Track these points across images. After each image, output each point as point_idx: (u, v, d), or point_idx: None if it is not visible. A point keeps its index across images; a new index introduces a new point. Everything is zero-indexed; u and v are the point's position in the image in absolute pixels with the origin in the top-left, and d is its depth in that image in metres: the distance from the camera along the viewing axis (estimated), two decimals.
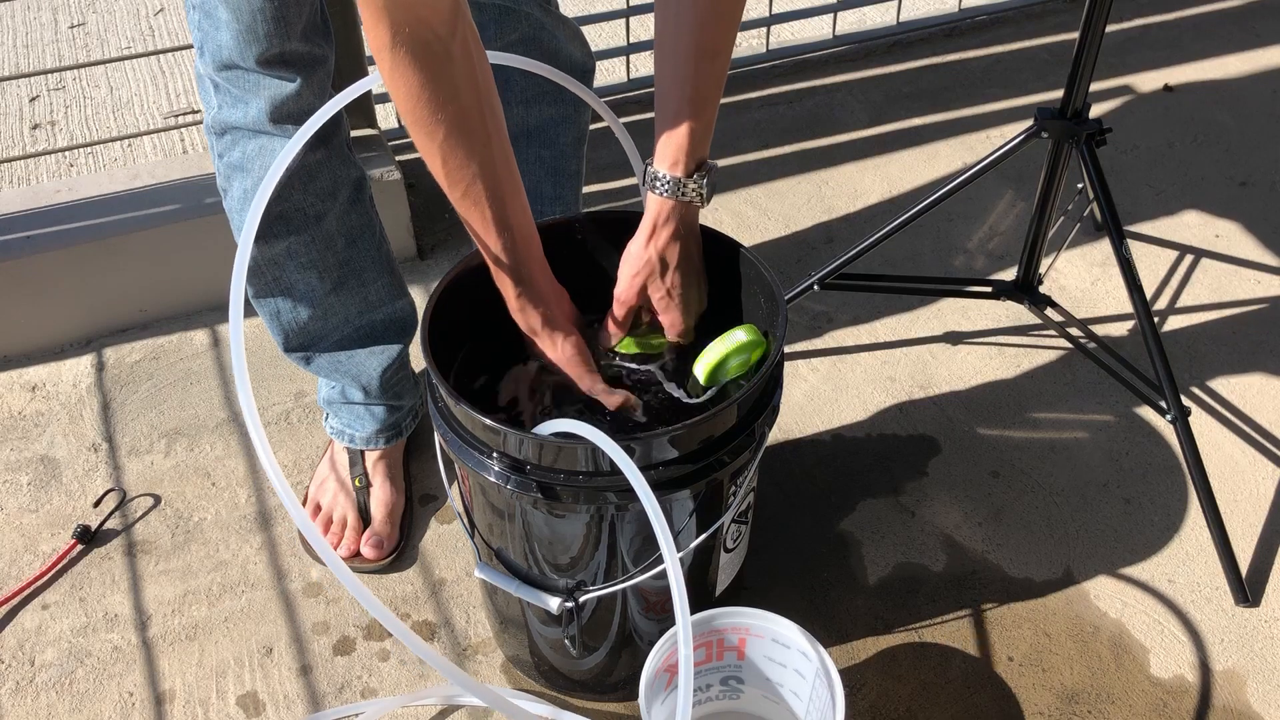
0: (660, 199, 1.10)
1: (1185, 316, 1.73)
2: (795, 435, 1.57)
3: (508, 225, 1.03)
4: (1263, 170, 2.00)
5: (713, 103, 1.08)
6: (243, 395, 0.87)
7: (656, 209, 1.10)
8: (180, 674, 1.32)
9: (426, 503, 1.50)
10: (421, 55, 0.91)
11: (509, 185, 1.03)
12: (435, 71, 0.93)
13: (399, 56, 0.91)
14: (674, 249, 1.12)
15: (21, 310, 1.66)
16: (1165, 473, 1.51)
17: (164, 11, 2.57)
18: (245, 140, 1.23)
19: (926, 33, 2.31)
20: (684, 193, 1.09)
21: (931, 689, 1.29)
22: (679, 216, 1.10)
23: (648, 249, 1.11)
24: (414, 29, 0.90)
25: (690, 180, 1.08)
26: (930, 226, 1.88)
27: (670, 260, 1.12)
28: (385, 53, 0.91)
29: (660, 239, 1.11)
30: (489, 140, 0.99)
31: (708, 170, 1.10)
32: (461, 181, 1.00)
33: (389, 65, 0.92)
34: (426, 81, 0.93)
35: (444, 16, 0.92)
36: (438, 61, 0.93)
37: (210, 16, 1.15)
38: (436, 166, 1.00)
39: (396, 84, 0.94)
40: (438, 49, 0.92)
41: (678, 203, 1.09)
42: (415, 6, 0.89)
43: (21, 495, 1.51)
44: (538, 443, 0.99)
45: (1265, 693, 1.29)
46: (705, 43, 1.04)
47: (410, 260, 1.83)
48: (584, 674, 1.25)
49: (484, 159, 0.99)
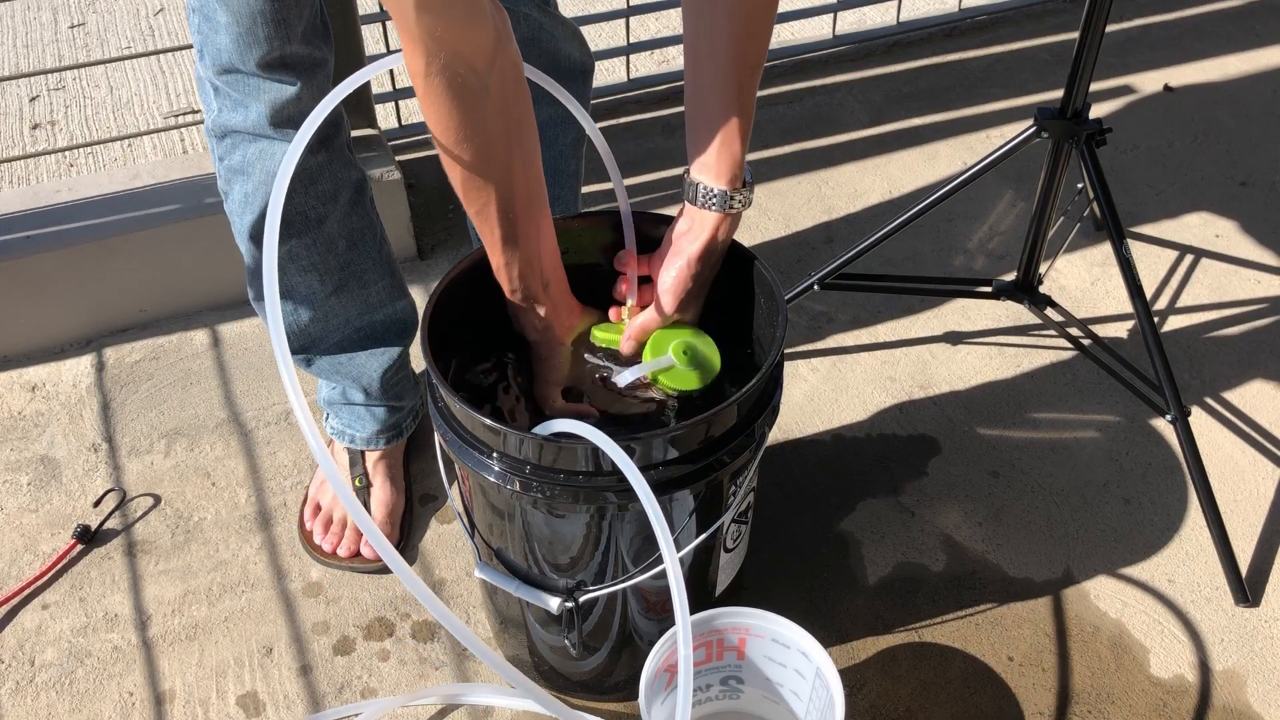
0: (715, 214, 1.09)
1: (1185, 316, 1.73)
2: (795, 435, 1.57)
3: (516, 245, 1.05)
4: (1263, 170, 2.00)
5: (751, 114, 1.08)
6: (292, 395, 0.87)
7: (714, 224, 1.09)
8: (180, 674, 1.32)
9: (426, 503, 1.50)
10: (456, 87, 0.91)
11: (522, 208, 1.03)
12: (469, 104, 0.93)
13: (431, 85, 0.91)
14: (719, 261, 1.13)
15: (21, 310, 1.66)
16: (1165, 473, 1.51)
17: (164, 11, 2.57)
18: (246, 144, 1.23)
19: (926, 33, 2.31)
20: (732, 205, 1.08)
21: (931, 689, 1.29)
22: (729, 228, 1.11)
23: (701, 265, 1.11)
24: (450, 61, 0.89)
25: (738, 194, 1.08)
26: (930, 226, 1.88)
27: (713, 272, 1.14)
28: (420, 79, 0.91)
29: (716, 254, 1.11)
30: (510, 168, 1.00)
31: (748, 181, 1.10)
32: (476, 202, 1.01)
33: (422, 91, 0.92)
34: (455, 113, 0.93)
35: (485, 51, 0.91)
36: (472, 96, 0.92)
37: (210, 20, 1.15)
38: (456, 183, 1.00)
39: (428, 110, 0.94)
40: (474, 83, 0.92)
41: (727, 215, 1.09)
42: (451, 40, 0.88)
43: (21, 495, 1.51)
44: (538, 443, 0.99)
45: (1265, 693, 1.29)
46: (746, 54, 1.04)
47: (410, 260, 1.83)
48: (584, 674, 1.25)
49: (501, 184, 1.00)
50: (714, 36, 1.03)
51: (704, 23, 1.03)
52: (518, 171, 1.01)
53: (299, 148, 0.96)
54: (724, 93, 1.05)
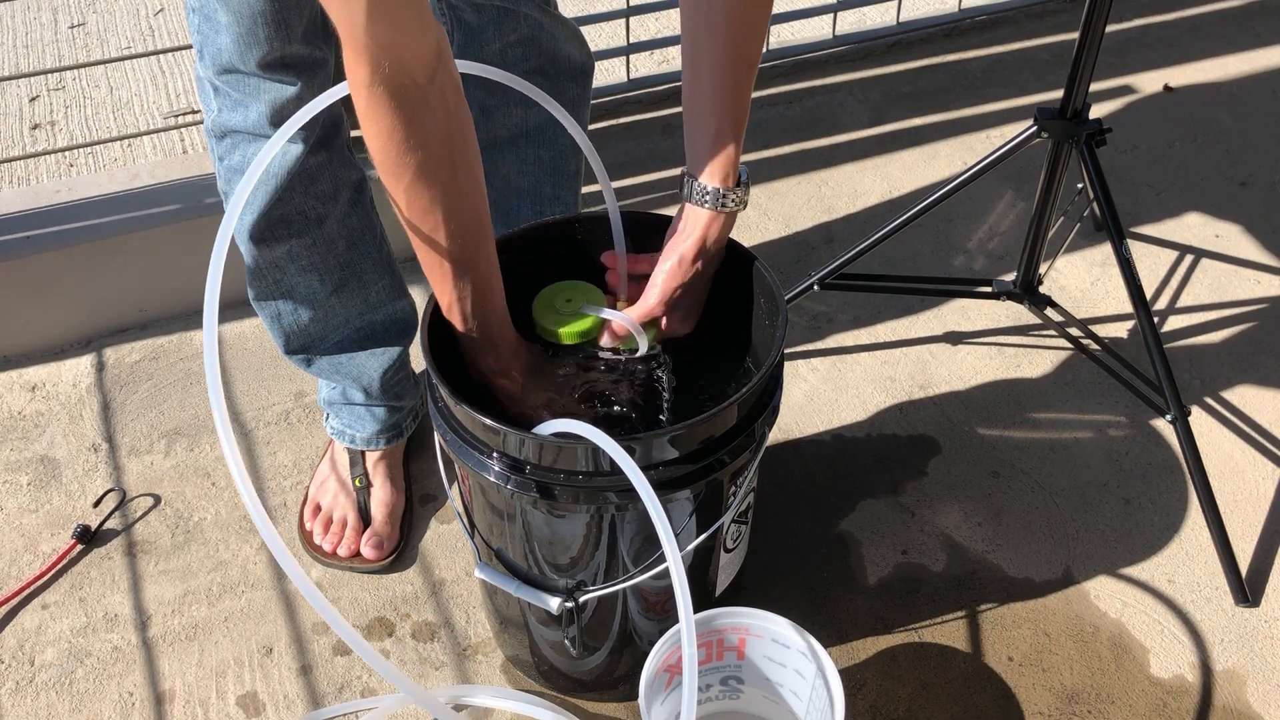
0: (708, 211, 1.09)
1: (1185, 316, 1.73)
2: (795, 435, 1.57)
3: (466, 274, 1.03)
4: (1263, 170, 2.00)
5: (747, 112, 1.08)
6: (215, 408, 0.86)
7: (707, 222, 1.10)
8: (180, 674, 1.32)
9: (426, 503, 1.50)
10: (398, 98, 0.91)
11: (474, 235, 1.02)
12: (409, 115, 0.92)
13: (375, 96, 0.90)
14: (715, 259, 1.13)
15: (21, 310, 1.66)
16: (1165, 473, 1.51)
17: (164, 11, 2.57)
18: (246, 144, 1.23)
19: (926, 33, 2.31)
20: (725, 204, 1.08)
21: (931, 689, 1.29)
22: (723, 227, 1.11)
23: (695, 262, 1.11)
24: (393, 71, 0.89)
25: (733, 192, 1.08)
26: (930, 226, 1.88)
27: (708, 270, 1.13)
28: (362, 90, 0.90)
29: (710, 252, 1.11)
30: (456, 189, 0.99)
31: (743, 180, 1.10)
32: (425, 223, 1.00)
33: (364, 103, 0.91)
34: (399, 124, 0.92)
35: (426, 62, 0.91)
36: (413, 106, 0.92)
37: (210, 20, 1.15)
38: (400, 208, 0.99)
39: (369, 123, 0.93)
40: (414, 94, 0.91)
41: (720, 213, 1.09)
42: (397, 48, 0.88)
43: (21, 495, 1.51)
44: (538, 443, 0.99)
45: (1265, 693, 1.29)
46: (742, 53, 1.04)
47: (410, 260, 1.81)
48: (584, 674, 1.25)
49: (447, 209, 0.99)
50: (711, 35, 1.03)
51: (701, 21, 1.03)
52: (463, 187, 1.00)
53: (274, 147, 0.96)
54: (720, 92, 1.05)
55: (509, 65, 1.34)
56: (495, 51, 1.34)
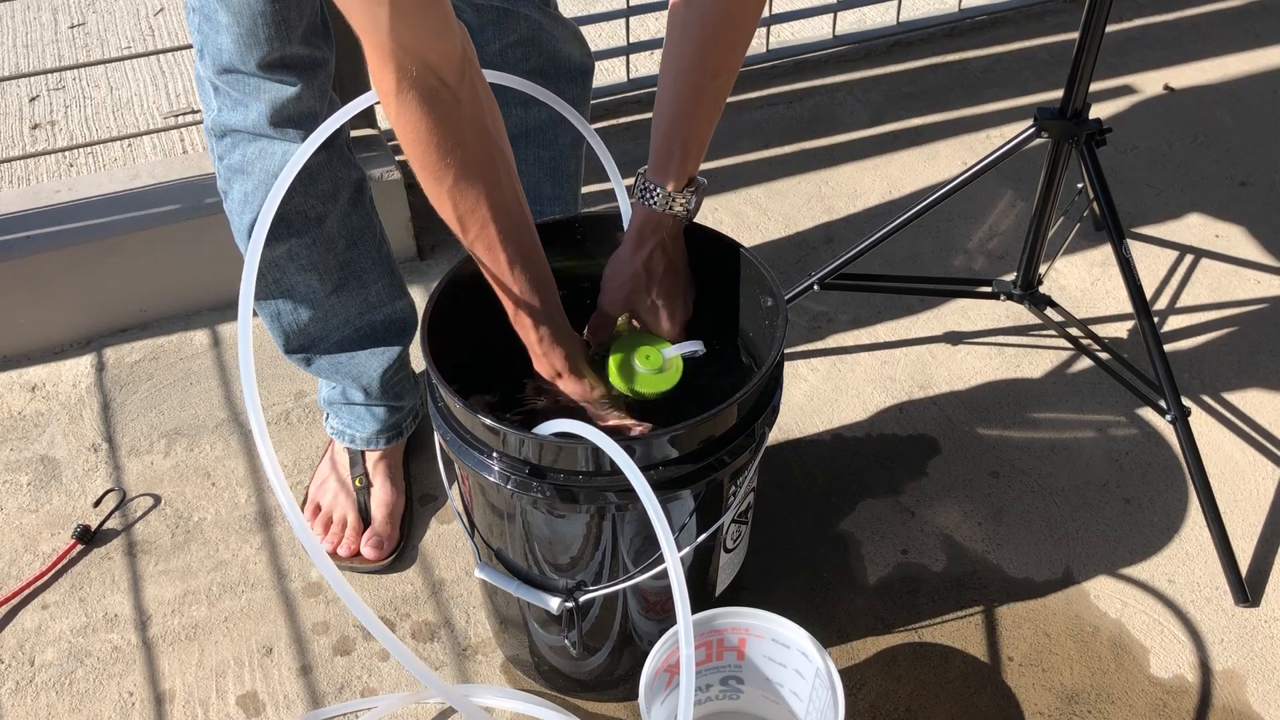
0: (649, 210, 1.09)
1: (1185, 316, 1.73)
2: (795, 435, 1.57)
3: (529, 265, 1.02)
4: (1263, 170, 2.00)
5: (708, 120, 1.08)
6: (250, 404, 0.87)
7: (643, 220, 1.10)
8: (180, 674, 1.32)
9: (426, 503, 1.50)
10: (429, 101, 0.90)
11: (524, 227, 1.02)
12: (443, 116, 0.91)
13: (405, 101, 0.90)
14: (659, 260, 1.11)
15: (21, 310, 1.66)
16: (1165, 473, 1.51)
17: (164, 11, 2.57)
18: (245, 143, 1.23)
19: (926, 33, 2.31)
20: (672, 206, 1.08)
21: (931, 689, 1.29)
22: (666, 229, 1.10)
23: (634, 260, 1.11)
24: (421, 74, 0.88)
25: (680, 195, 1.08)
26: (930, 226, 1.88)
27: (656, 271, 1.12)
28: (391, 98, 0.90)
29: (646, 250, 1.10)
30: (499, 183, 0.98)
31: (698, 186, 1.10)
32: (474, 225, 0.99)
33: (395, 110, 0.91)
34: (434, 127, 0.91)
35: (454, 62, 0.91)
36: (445, 107, 0.91)
37: (210, 20, 1.15)
38: (447, 212, 0.98)
39: (404, 129, 0.92)
40: (445, 95, 0.91)
41: (664, 215, 1.09)
42: (423, 52, 0.88)
43: (21, 495, 1.51)
44: (538, 443, 0.99)
45: (1265, 693, 1.29)
46: (709, 61, 1.04)
47: (410, 260, 1.83)
48: (584, 674, 1.25)
49: (494, 202, 0.98)
50: (685, 37, 1.03)
51: (678, 22, 1.03)
52: (507, 186, 0.99)
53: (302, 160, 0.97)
54: (680, 97, 1.05)
55: (509, 66, 1.34)
56: (495, 52, 1.34)
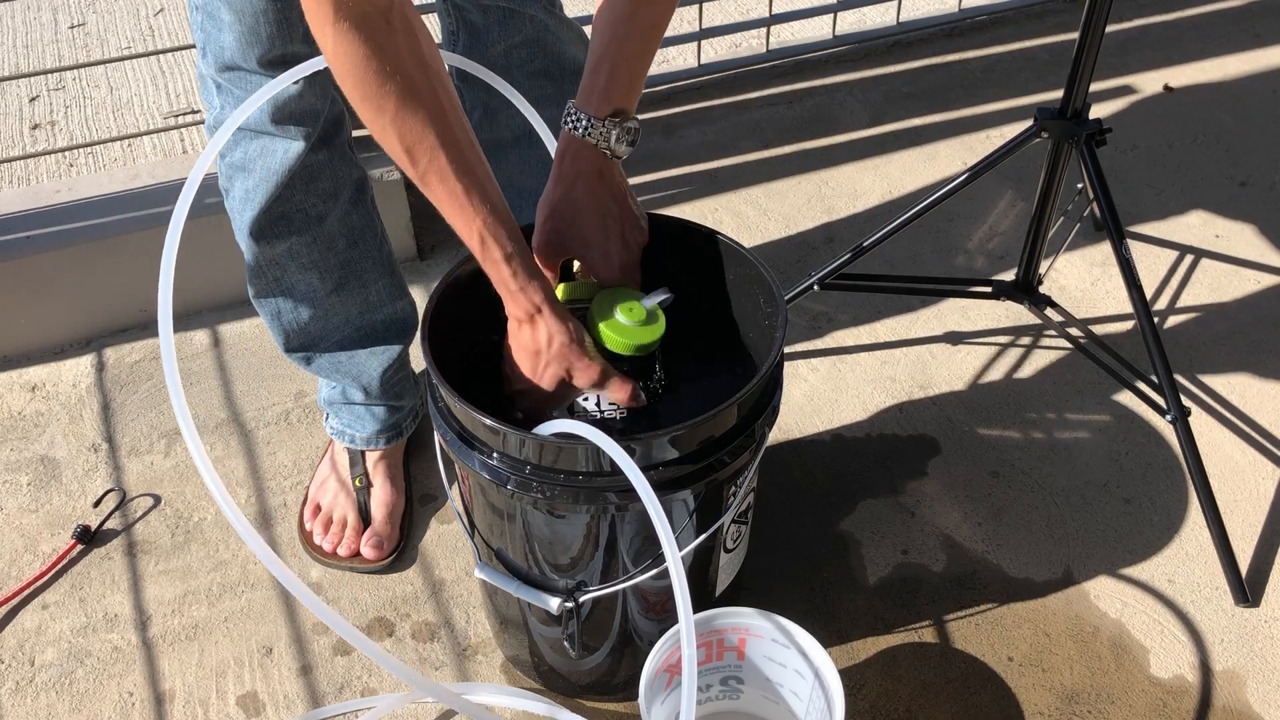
0: (570, 137, 1.06)
1: (1185, 316, 1.73)
2: (795, 435, 1.57)
3: (487, 195, 0.98)
4: (1263, 170, 2.00)
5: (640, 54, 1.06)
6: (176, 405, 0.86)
7: (563, 148, 1.06)
8: (180, 674, 1.32)
9: (426, 503, 1.50)
10: (363, 26, 0.90)
11: (475, 159, 0.98)
12: (379, 42, 0.91)
13: (342, 30, 0.89)
14: (583, 194, 1.07)
15: (21, 310, 1.66)
16: (1165, 473, 1.51)
17: (164, 11, 2.57)
18: (247, 141, 1.23)
19: (926, 33, 2.31)
20: (591, 133, 1.05)
21: (931, 689, 1.29)
22: (587, 160, 1.06)
23: (553, 193, 1.07)
24: (356, 2, 0.89)
25: (601, 124, 1.05)
26: (930, 226, 1.88)
27: (581, 206, 1.07)
28: (328, 28, 0.90)
29: (566, 183, 1.06)
30: (442, 111, 0.96)
31: (622, 119, 1.06)
32: (423, 155, 0.95)
33: (332, 40, 0.90)
34: (371, 53, 0.91)
35: None
36: (380, 32, 0.91)
37: (213, 18, 1.15)
38: (393, 145, 0.95)
39: (341, 59, 0.91)
40: (377, 20, 0.91)
41: (585, 144, 1.05)
42: None
43: (21, 495, 1.51)
44: (538, 443, 0.99)
45: (1265, 693, 1.29)
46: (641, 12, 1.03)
47: (410, 260, 1.83)
48: (584, 674, 1.25)
49: (441, 130, 0.95)
50: None
51: None
52: (452, 115, 0.97)
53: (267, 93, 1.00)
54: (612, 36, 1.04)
55: (514, 66, 1.34)
56: (500, 53, 1.34)
